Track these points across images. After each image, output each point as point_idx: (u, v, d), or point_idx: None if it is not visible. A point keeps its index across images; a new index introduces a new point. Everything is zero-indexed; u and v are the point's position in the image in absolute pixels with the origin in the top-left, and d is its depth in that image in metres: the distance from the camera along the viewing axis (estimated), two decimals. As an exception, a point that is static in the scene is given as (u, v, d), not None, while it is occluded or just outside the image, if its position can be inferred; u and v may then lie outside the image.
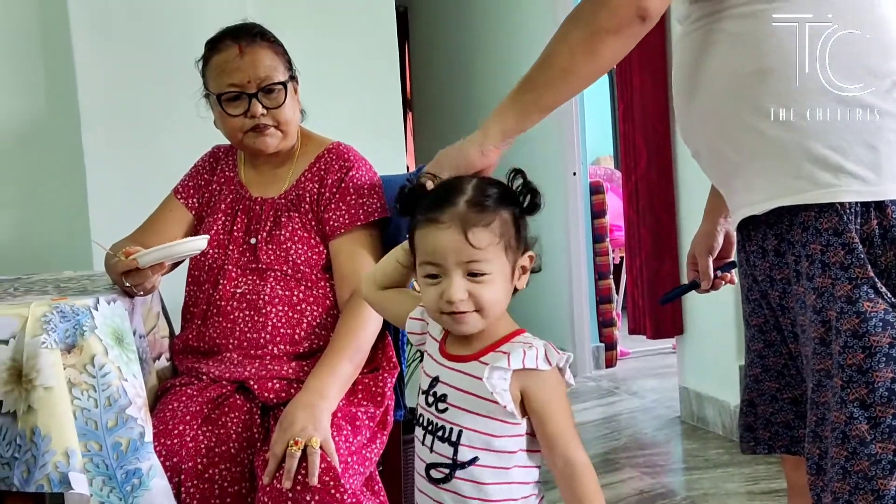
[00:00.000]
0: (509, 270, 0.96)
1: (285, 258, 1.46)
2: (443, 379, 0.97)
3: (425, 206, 0.96)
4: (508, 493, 0.94)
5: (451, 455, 0.94)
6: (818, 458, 0.99)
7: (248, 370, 1.41)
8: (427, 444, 0.97)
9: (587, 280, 3.70)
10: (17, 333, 1.09)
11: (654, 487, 2.29)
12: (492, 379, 0.92)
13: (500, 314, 0.97)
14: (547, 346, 0.95)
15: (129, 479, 1.15)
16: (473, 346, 0.97)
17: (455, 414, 0.95)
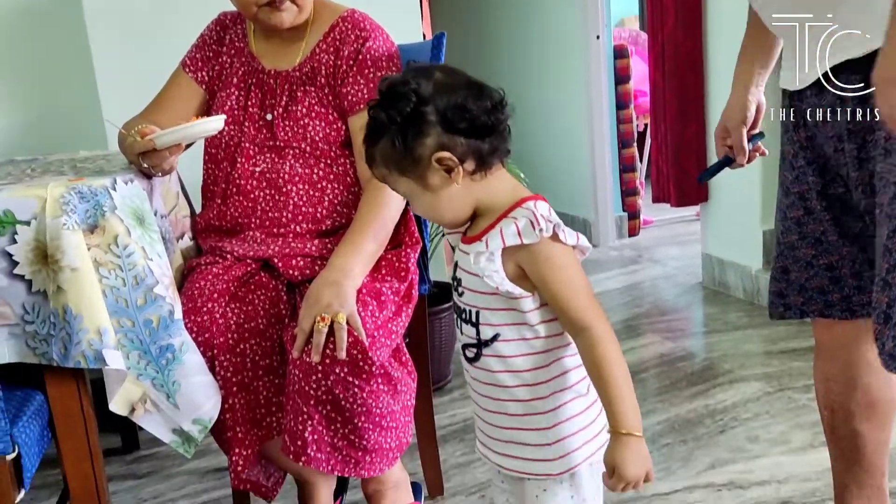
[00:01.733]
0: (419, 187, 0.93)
1: (303, 135, 1.43)
2: (460, 264, 0.98)
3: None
4: (535, 362, 0.94)
5: (474, 335, 0.96)
6: (886, 306, 0.98)
7: (271, 248, 1.42)
8: (458, 327, 1.00)
9: (610, 149, 3.63)
10: (38, 214, 1.09)
11: (674, 351, 2.34)
12: (479, 263, 0.92)
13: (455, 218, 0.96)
14: (530, 217, 0.90)
15: (164, 353, 1.19)
16: (479, 225, 0.96)
17: (470, 297, 0.96)
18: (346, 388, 1.24)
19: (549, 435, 0.95)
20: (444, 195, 0.92)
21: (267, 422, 1.32)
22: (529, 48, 4.07)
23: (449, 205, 0.93)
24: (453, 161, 0.90)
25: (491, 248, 0.91)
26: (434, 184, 0.92)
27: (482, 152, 0.91)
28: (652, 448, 1.76)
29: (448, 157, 0.90)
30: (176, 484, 1.77)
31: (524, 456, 0.97)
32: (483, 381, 0.98)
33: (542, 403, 0.95)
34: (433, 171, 0.91)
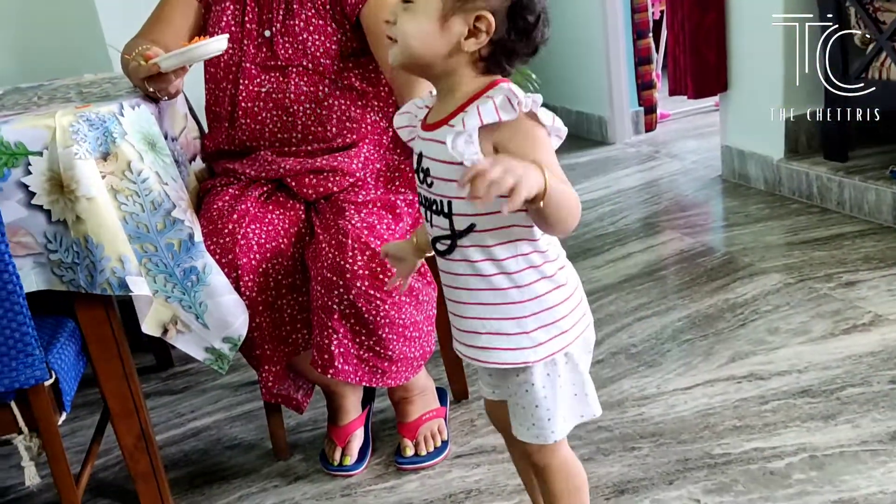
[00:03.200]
0: (438, 12, 0.86)
1: (304, 52, 1.39)
2: (425, 153, 0.93)
3: None
4: (515, 250, 0.92)
5: (447, 226, 0.92)
6: None
7: (282, 168, 1.41)
8: (428, 219, 0.96)
9: (624, 40, 3.50)
10: (49, 144, 1.08)
11: (693, 246, 2.34)
12: (457, 146, 0.85)
13: (423, 58, 0.88)
14: (508, 92, 0.85)
15: (188, 276, 1.20)
16: (444, 110, 0.91)
17: (441, 186, 0.91)
18: (369, 301, 1.26)
19: (527, 323, 0.94)
20: (440, 39, 0.87)
21: (293, 338, 1.35)
22: (538, -63, 3.87)
23: (431, 48, 0.87)
24: (486, 32, 0.86)
25: (468, 128, 0.85)
26: (448, 24, 0.86)
27: (507, 53, 0.88)
28: (672, 345, 1.79)
29: (489, 25, 0.86)
30: (211, 398, 1.83)
31: (501, 346, 0.95)
32: (459, 272, 0.94)
33: (519, 292, 0.93)
34: (461, 17, 0.86)
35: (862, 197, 2.32)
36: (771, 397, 1.53)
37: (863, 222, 2.30)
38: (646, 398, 1.59)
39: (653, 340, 1.82)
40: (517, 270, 0.92)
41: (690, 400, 1.56)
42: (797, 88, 2.56)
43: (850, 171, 2.41)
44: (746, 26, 2.64)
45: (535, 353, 0.95)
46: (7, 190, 1.08)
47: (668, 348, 1.78)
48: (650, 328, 1.88)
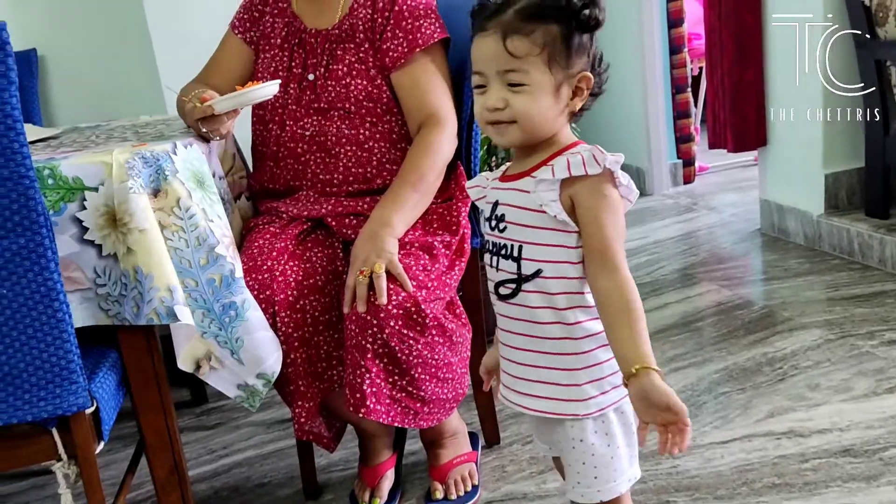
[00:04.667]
0: (553, 86, 0.92)
1: (346, 95, 1.44)
2: (501, 201, 0.98)
3: (477, 16, 0.96)
4: (574, 302, 0.95)
5: (515, 270, 0.96)
6: None
7: (324, 208, 1.44)
8: (494, 264, 0.99)
9: (663, 94, 3.53)
10: (105, 180, 1.13)
11: (731, 299, 2.31)
12: (539, 191, 0.93)
13: (543, 129, 0.94)
14: (593, 150, 0.91)
15: (227, 311, 1.23)
16: (528, 163, 0.97)
17: (514, 230, 0.96)
18: (402, 340, 1.27)
19: (578, 376, 0.95)
20: (555, 109, 0.94)
21: (328, 375, 1.36)
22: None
23: (550, 120, 0.94)
24: (587, 89, 0.95)
25: (557, 176, 0.92)
26: (559, 93, 0.93)
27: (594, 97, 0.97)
28: (709, 397, 1.76)
29: (589, 82, 0.95)
30: (243, 434, 1.85)
31: (551, 395, 0.97)
32: (518, 317, 0.97)
33: (573, 344, 0.95)
34: (568, 82, 0.93)
35: (905, 254, 2.28)
36: (811, 455, 1.49)
37: (906, 280, 2.25)
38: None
39: (689, 392, 1.79)
40: (574, 322, 0.95)
41: (727, 454, 1.53)
42: (837, 144, 2.55)
43: (892, 228, 2.37)
44: (786, 83, 2.65)
45: (586, 407, 0.96)
46: (62, 224, 1.12)
47: (705, 400, 1.75)
48: (686, 379, 1.85)
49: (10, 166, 0.97)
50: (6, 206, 0.98)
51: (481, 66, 0.93)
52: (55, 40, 2.11)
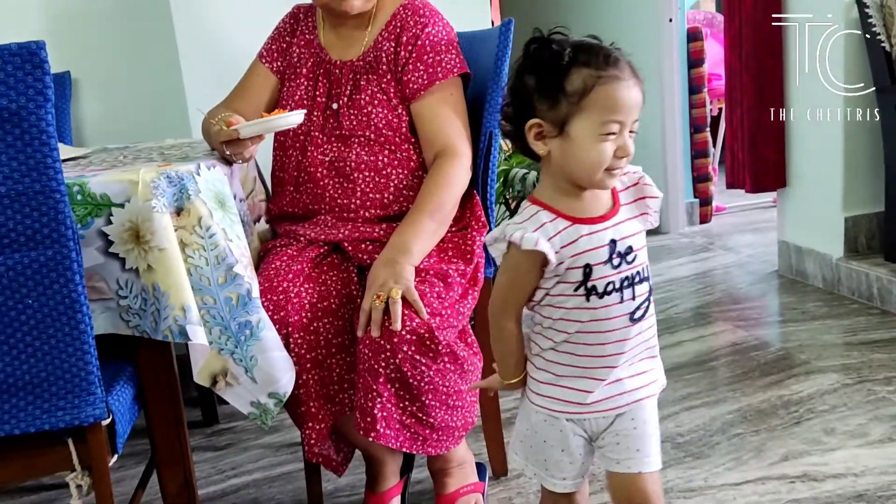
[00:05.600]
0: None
1: (367, 123, 1.47)
2: (619, 236, 1.02)
3: (596, 61, 0.96)
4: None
5: (648, 287, 1.04)
6: None
7: (341, 232, 1.47)
8: (625, 298, 1.02)
9: (682, 133, 3.55)
10: (131, 197, 1.16)
11: (746, 340, 2.29)
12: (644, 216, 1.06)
13: None
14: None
15: (242, 329, 1.25)
16: (604, 198, 1.03)
17: (641, 255, 1.04)
18: (414, 366, 1.28)
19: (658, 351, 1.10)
20: None
21: (339, 398, 1.37)
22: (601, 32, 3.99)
23: None
24: None
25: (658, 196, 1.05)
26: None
27: None
28: (722, 438, 1.74)
29: None
30: (252, 456, 1.85)
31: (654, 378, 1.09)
32: (641, 330, 1.04)
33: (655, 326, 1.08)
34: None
35: (925, 300, 2.26)
36: (825, 500, 1.47)
37: (925, 326, 2.23)
38: (692, 490, 1.54)
39: (701, 431, 1.77)
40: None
41: (740, 497, 1.51)
42: (857, 188, 2.55)
43: (912, 273, 2.36)
44: (806, 125, 2.66)
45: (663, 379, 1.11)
46: (88, 237, 1.16)
47: (717, 441, 1.73)
48: (699, 419, 1.83)
49: (42, 181, 1.01)
50: (36, 218, 1.02)
51: (624, 115, 0.96)
52: (89, 64, 2.17)
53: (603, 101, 0.95)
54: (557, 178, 1.01)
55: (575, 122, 0.96)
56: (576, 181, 1.00)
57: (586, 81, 0.95)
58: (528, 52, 0.99)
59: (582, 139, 0.96)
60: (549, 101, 0.96)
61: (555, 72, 0.96)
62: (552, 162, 1.00)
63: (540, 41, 0.99)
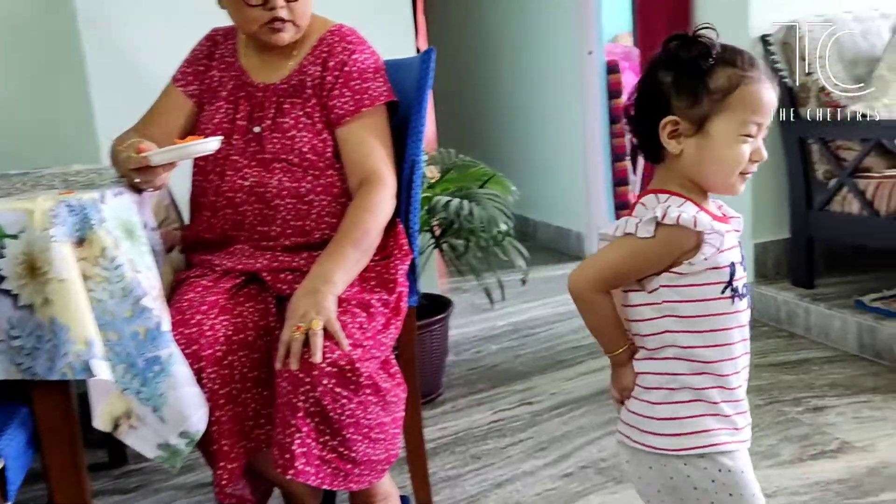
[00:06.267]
0: None
1: (291, 147, 1.44)
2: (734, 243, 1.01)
3: (741, 61, 0.95)
4: None
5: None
6: None
7: (259, 262, 1.42)
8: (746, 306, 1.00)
9: (603, 162, 3.64)
10: (26, 226, 1.09)
11: (665, 365, 2.34)
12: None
13: None
14: None
15: (151, 366, 1.18)
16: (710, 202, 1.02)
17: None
18: (335, 399, 1.24)
19: None
20: None
21: (255, 434, 1.32)
22: (524, 63, 4.10)
23: None
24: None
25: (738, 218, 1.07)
26: None
27: None
28: (642, 461, 1.76)
29: None
30: (163, 499, 1.76)
31: None
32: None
33: None
34: None
35: (828, 324, 2.36)
36: (740, 521, 1.50)
37: (829, 349, 2.33)
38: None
39: (622, 457, 1.79)
40: None
41: (658, 521, 1.52)
42: (765, 216, 2.66)
43: (817, 297, 2.46)
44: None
45: None
46: (-24, 273, 1.08)
47: (638, 466, 1.75)
48: (620, 444, 1.85)
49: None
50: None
51: (764, 117, 0.95)
52: (-6, 87, 2.07)
53: (747, 100, 0.93)
54: (683, 180, 0.98)
55: (716, 120, 0.93)
56: (707, 183, 0.98)
57: (731, 80, 0.93)
58: (669, 48, 0.96)
59: (722, 138, 0.94)
60: (690, 98, 0.94)
61: (699, 68, 0.93)
62: (683, 162, 0.96)
63: (683, 38, 0.95)
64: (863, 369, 2.15)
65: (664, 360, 0.98)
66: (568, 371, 2.32)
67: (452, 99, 5.03)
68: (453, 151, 2.30)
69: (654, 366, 0.99)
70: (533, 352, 2.53)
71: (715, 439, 0.97)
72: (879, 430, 1.80)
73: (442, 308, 2.22)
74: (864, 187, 2.26)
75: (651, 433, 0.99)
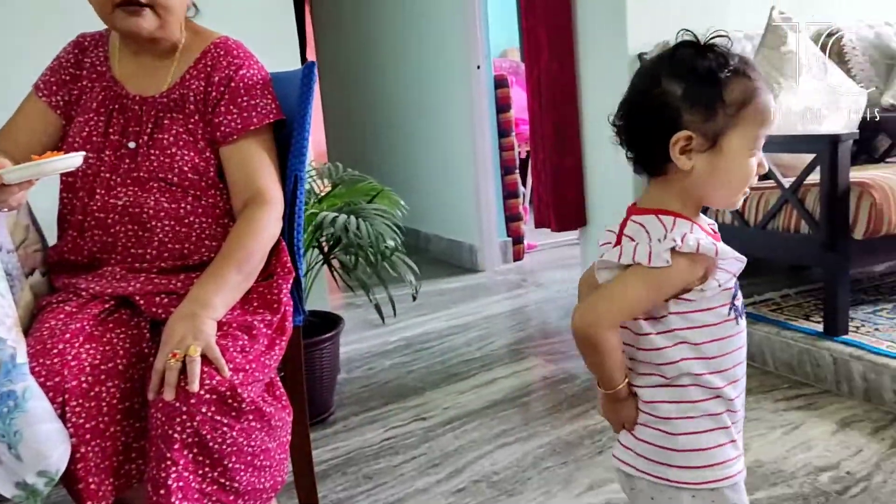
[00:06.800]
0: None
1: (169, 165, 1.37)
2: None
3: (751, 71, 0.89)
4: None
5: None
6: None
7: (132, 285, 1.34)
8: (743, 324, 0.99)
9: (493, 175, 3.70)
10: None
11: (556, 373, 2.39)
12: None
13: None
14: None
15: (4, 401, 1.09)
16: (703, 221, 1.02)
17: None
18: (215, 427, 1.18)
19: None
20: None
21: (125, 470, 1.24)
22: (414, 77, 4.12)
23: None
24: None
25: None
26: None
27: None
28: (533, 472, 1.78)
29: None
30: (30, 541, 1.62)
31: None
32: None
33: None
34: None
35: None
36: (627, 526, 1.54)
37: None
38: (503, 529, 1.56)
39: (514, 468, 1.80)
40: None
41: (550, 531, 1.54)
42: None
43: (696, 303, 2.58)
44: (602, 167, 2.86)
45: None
46: None
47: (529, 476, 1.77)
48: (512, 455, 1.87)
49: None
50: None
51: (771, 127, 0.90)
52: None
53: (760, 112, 0.89)
54: (684, 195, 0.93)
55: (730, 135, 0.88)
56: (713, 199, 0.94)
57: (745, 92, 0.88)
58: (678, 56, 0.89)
59: (735, 154, 0.89)
60: (705, 111, 0.87)
61: (715, 80, 0.87)
62: (692, 178, 0.91)
63: (695, 45, 0.89)
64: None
65: (682, 388, 0.94)
66: (461, 384, 2.32)
67: (343, 113, 4.99)
68: (341, 166, 2.27)
69: (671, 394, 0.95)
70: (426, 366, 2.52)
71: (733, 469, 0.95)
72: (753, 430, 1.89)
73: (332, 325, 2.18)
74: (734, 198, 2.39)
75: (670, 465, 0.95)
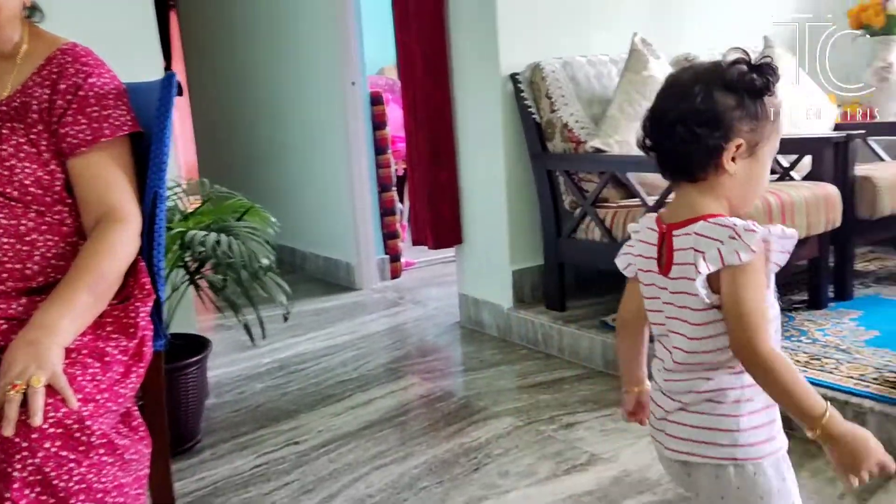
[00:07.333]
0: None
1: (10, 179, 1.26)
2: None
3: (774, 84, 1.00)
4: None
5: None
6: None
7: (-35, 310, 1.21)
8: None
9: (370, 192, 3.68)
10: None
11: (433, 391, 2.39)
12: None
13: None
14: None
15: None
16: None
17: None
18: (60, 464, 1.08)
19: None
20: None
21: (-46, 517, 1.11)
22: (288, 93, 4.04)
23: None
24: None
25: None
26: None
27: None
28: (409, 493, 1.76)
29: None
30: None
31: None
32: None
33: None
34: None
35: (578, 344, 2.56)
36: (502, 543, 1.55)
37: (580, 367, 2.52)
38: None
39: (390, 490, 1.78)
40: None
41: (425, 552, 1.52)
42: (521, 243, 2.83)
43: (568, 319, 2.66)
44: (477, 185, 2.91)
45: None
46: None
47: (405, 497, 1.74)
48: (388, 476, 1.84)
49: None
50: None
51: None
52: None
53: (778, 127, 1.01)
54: (722, 199, 1.01)
55: (764, 145, 1.00)
56: (744, 202, 1.03)
57: (776, 108, 1.00)
58: (735, 72, 0.98)
59: (764, 162, 1.01)
60: (753, 122, 0.98)
61: (763, 95, 0.99)
62: (732, 182, 1.00)
63: (748, 64, 0.99)
64: (608, 384, 2.34)
65: (741, 373, 0.99)
66: (337, 406, 2.27)
67: (215, 128, 4.82)
68: (207, 182, 2.17)
69: (732, 380, 1.01)
70: (300, 388, 2.45)
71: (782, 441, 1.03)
72: (622, 440, 1.96)
73: (199, 349, 2.07)
74: (603, 216, 2.49)
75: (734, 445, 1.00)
